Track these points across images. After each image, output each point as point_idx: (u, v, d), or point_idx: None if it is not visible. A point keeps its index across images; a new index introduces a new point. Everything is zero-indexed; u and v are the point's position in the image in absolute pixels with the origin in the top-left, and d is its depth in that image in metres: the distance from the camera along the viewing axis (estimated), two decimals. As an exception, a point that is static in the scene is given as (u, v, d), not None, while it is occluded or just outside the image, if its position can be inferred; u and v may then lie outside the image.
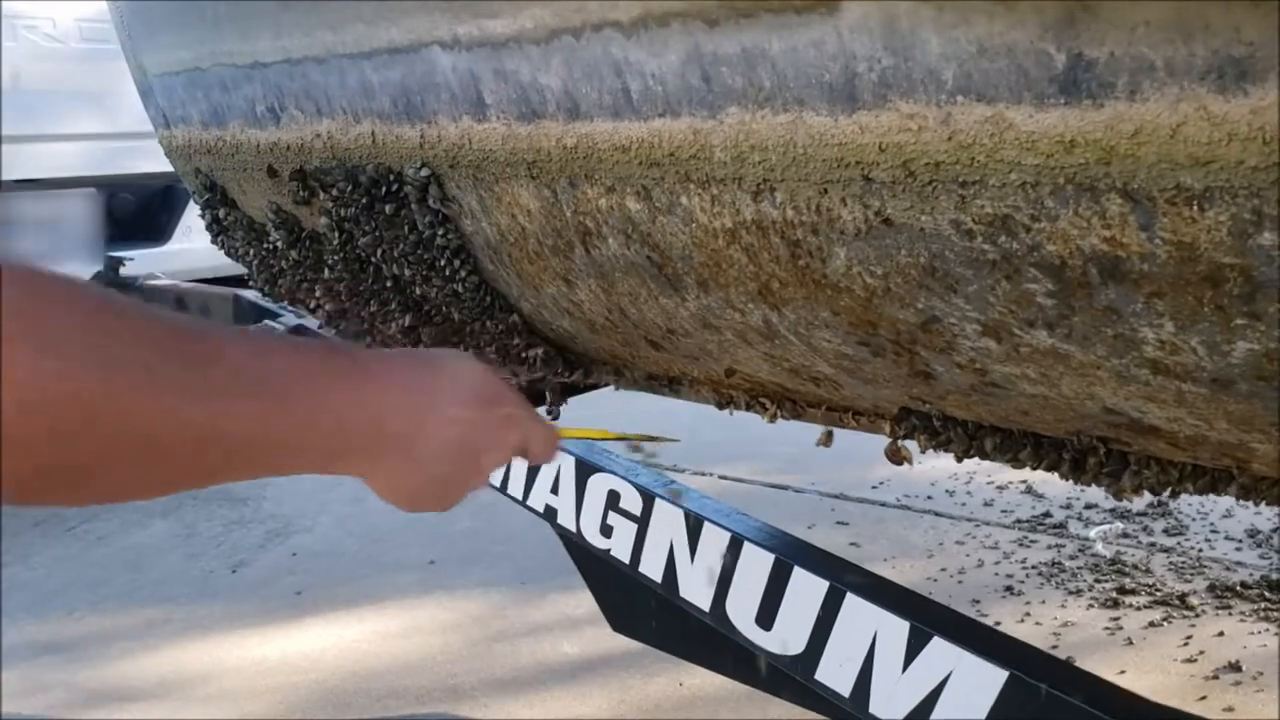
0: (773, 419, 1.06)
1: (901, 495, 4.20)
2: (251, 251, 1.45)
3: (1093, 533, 3.81)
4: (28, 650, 3.20)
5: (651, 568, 1.71)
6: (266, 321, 2.16)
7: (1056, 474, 0.91)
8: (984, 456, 0.92)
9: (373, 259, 1.27)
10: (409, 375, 0.76)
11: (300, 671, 3.04)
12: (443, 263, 1.16)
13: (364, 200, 1.20)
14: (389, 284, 1.29)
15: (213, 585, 3.67)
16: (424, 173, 1.07)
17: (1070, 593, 3.37)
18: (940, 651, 1.23)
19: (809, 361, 0.89)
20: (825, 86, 0.69)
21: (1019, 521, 3.94)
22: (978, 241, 0.67)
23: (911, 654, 1.26)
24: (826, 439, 1.11)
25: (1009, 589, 3.45)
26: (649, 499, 1.73)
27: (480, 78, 0.94)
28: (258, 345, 0.66)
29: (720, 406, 1.12)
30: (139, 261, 4.07)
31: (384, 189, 1.16)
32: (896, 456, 1.03)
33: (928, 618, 1.26)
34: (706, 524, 1.62)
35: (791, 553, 1.48)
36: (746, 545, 1.53)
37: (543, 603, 3.42)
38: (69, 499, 0.60)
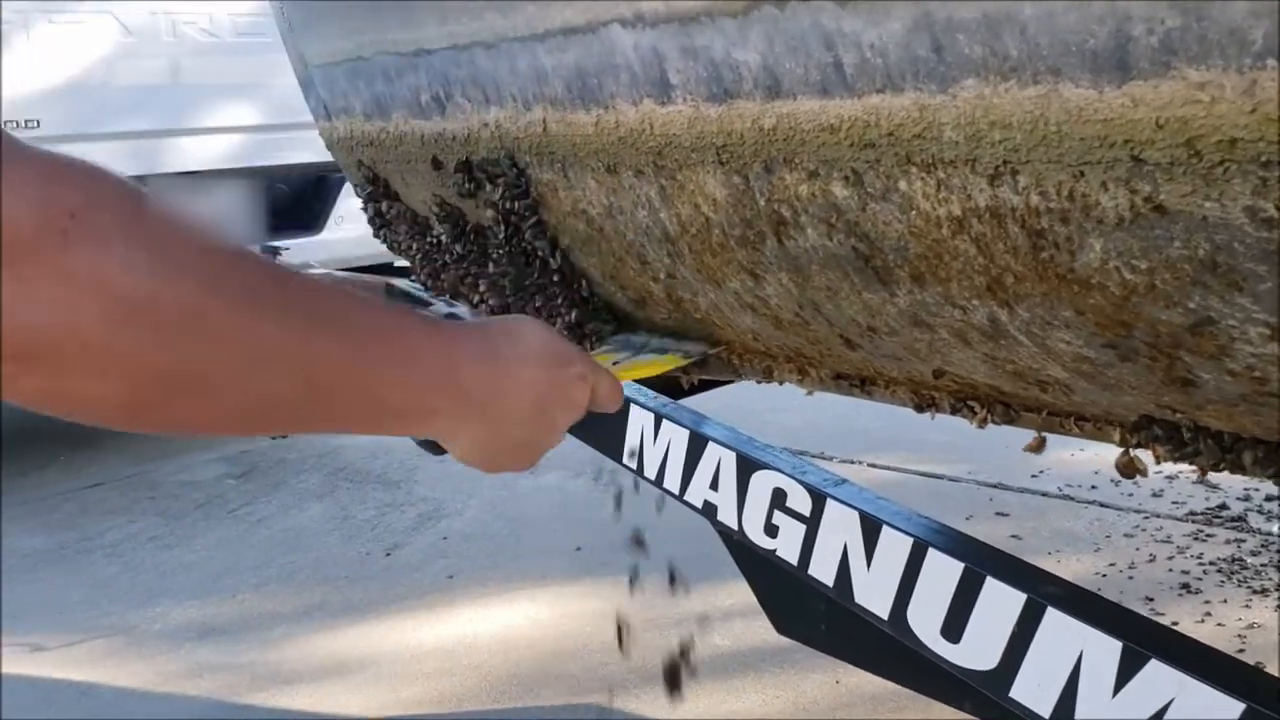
0: (982, 424, 0.96)
1: (1064, 485, 4.02)
2: (415, 245, 1.41)
3: (1276, 527, 3.56)
4: (193, 632, 3.30)
5: (822, 571, 1.62)
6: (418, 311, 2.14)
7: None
8: (1238, 470, 0.81)
9: (539, 253, 1.21)
10: (484, 340, 0.78)
11: (454, 657, 3.05)
12: (616, 255, 1.09)
13: (533, 191, 1.14)
14: (555, 278, 1.23)
15: (368, 568, 3.73)
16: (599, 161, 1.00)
17: (1255, 592, 3.15)
18: (1159, 676, 1.11)
19: (1039, 365, 0.80)
20: (1088, 54, 0.59)
21: (1193, 514, 3.72)
22: (1277, 232, 0.57)
23: (1124, 677, 1.15)
24: (1038, 444, 1.01)
25: (1185, 586, 3.24)
26: (819, 498, 1.64)
27: (665, 56, 0.87)
28: (348, 292, 0.67)
29: (920, 409, 1.03)
30: (293, 251, 4.17)
31: (554, 178, 1.10)
32: (1130, 469, 0.92)
33: (1144, 638, 1.15)
34: (885, 528, 1.52)
35: (982, 560, 1.38)
36: (931, 552, 1.43)
37: (692, 592, 3.37)
38: (167, 415, 0.59)
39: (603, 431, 2.25)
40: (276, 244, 4.16)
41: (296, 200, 4.52)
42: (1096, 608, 1.25)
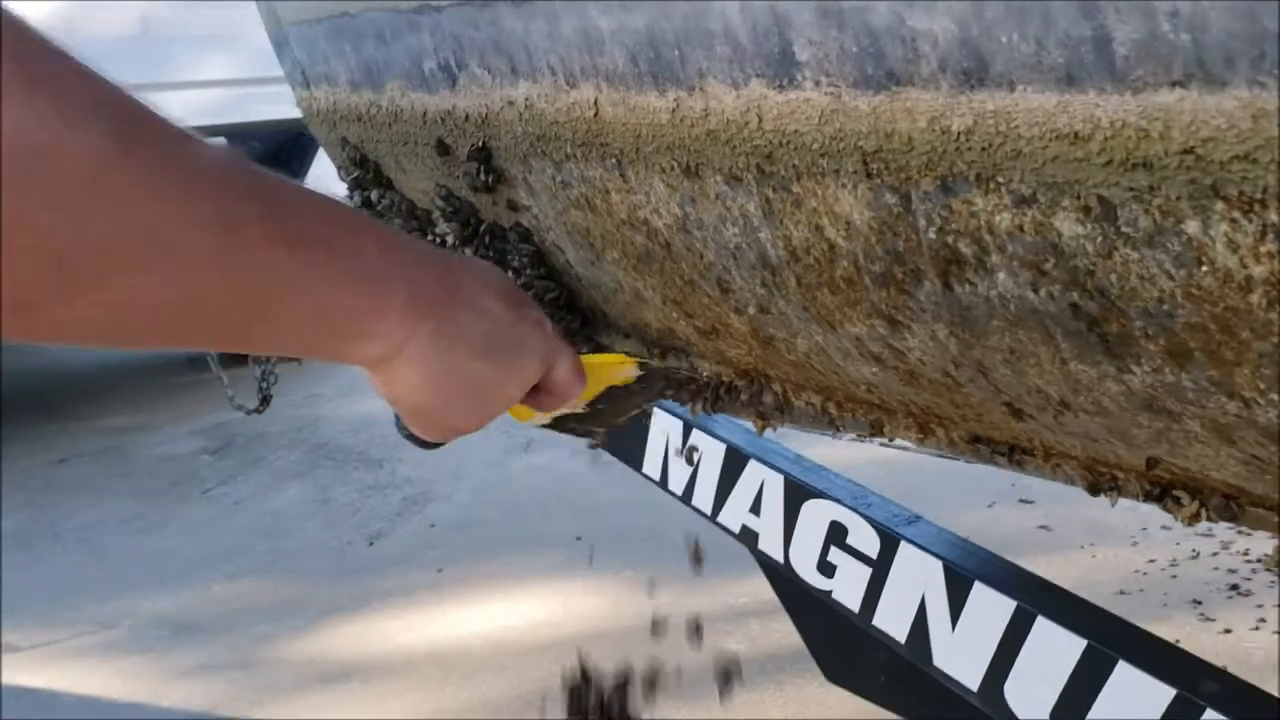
0: (1191, 520, 0.72)
1: (1094, 469, 3.79)
2: (413, 244, 1.14)
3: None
4: (165, 630, 3.05)
5: (892, 625, 1.39)
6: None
7: None
8: None
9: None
10: (434, 254, 0.69)
11: (446, 666, 2.82)
12: (684, 278, 0.83)
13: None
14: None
15: (351, 559, 3.49)
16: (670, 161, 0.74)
17: (1312, 593, 2.95)
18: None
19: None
20: None
21: (1235, 503, 3.50)
22: None
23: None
24: None
25: (1234, 587, 3.03)
26: (889, 539, 1.41)
27: (789, 20, 0.60)
28: (285, 182, 0.59)
29: (1094, 492, 0.78)
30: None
31: (605, 177, 0.83)
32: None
33: None
34: (978, 584, 1.29)
35: (1110, 638, 1.14)
36: (1040, 621, 1.20)
37: (702, 589, 3.14)
38: (63, 309, 0.48)
39: (621, 436, 1.99)
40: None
41: (272, 160, 4.21)
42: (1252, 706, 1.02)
